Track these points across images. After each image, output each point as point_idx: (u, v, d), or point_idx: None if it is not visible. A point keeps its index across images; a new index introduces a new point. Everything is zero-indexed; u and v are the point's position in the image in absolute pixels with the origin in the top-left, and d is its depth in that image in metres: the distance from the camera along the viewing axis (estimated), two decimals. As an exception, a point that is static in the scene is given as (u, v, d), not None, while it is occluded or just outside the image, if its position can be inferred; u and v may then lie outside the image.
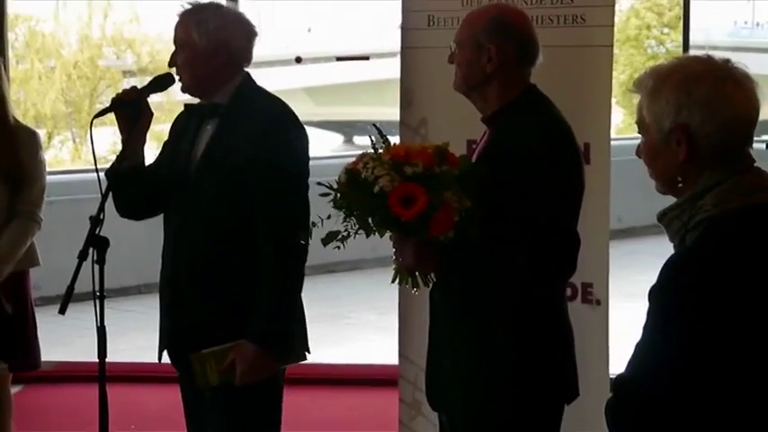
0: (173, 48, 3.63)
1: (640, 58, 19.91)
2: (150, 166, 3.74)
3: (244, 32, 3.60)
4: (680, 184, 2.35)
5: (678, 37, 11.37)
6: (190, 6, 3.60)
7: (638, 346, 2.26)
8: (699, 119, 2.28)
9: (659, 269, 2.30)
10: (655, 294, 2.25)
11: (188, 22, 3.56)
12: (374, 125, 3.24)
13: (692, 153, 2.30)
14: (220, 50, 3.54)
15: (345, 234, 3.07)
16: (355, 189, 3.02)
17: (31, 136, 4.58)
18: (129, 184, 3.66)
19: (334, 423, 6.02)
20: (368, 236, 3.07)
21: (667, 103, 2.31)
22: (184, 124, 3.69)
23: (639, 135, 2.43)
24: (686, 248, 2.28)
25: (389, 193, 2.95)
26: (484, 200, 3.01)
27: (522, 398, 3.15)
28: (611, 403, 2.31)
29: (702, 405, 2.21)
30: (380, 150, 3.07)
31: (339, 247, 3.10)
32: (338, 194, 3.06)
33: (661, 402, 2.22)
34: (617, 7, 4.14)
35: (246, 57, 3.63)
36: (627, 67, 19.70)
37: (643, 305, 2.57)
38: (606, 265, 4.42)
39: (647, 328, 2.25)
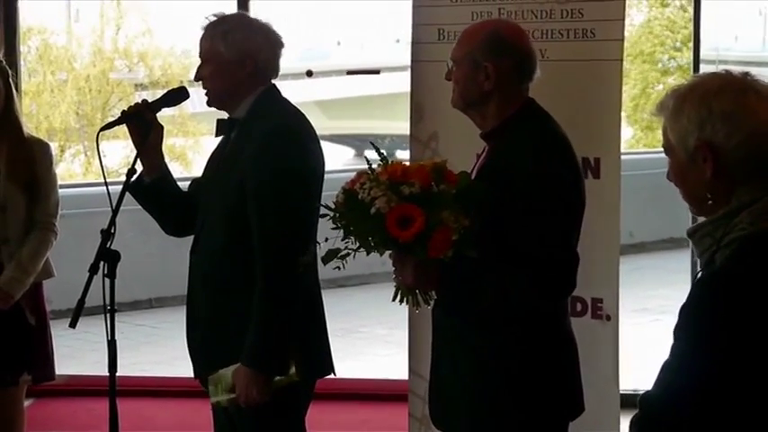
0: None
1: (654, 73, 19.90)
2: (193, 181, 3.76)
3: (270, 44, 3.56)
4: (709, 202, 2.32)
5: (690, 53, 11.36)
6: (215, 18, 3.56)
7: (666, 364, 2.24)
8: (722, 133, 2.25)
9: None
10: (685, 312, 2.22)
11: (214, 34, 3.52)
12: (371, 142, 3.22)
13: (719, 169, 2.27)
14: (247, 62, 3.50)
15: (345, 252, 3.05)
16: (352, 209, 2.99)
17: (45, 148, 4.61)
18: (155, 199, 3.68)
19: (343, 437, 6.02)
20: (368, 254, 3.05)
21: (689, 120, 2.29)
22: (220, 140, 3.68)
23: (667, 157, 2.39)
24: (719, 267, 2.24)
25: (386, 214, 2.92)
26: (483, 217, 2.99)
27: (526, 415, 3.13)
28: (636, 420, 2.29)
29: (729, 427, 2.19)
30: (377, 169, 3.03)
31: (339, 268, 3.07)
32: (336, 214, 3.03)
33: (687, 422, 2.20)
34: (630, 22, 4.14)
35: (273, 68, 3.58)
36: (638, 82, 19.69)
37: (652, 320, 2.57)
38: (616, 281, 4.41)
39: (676, 346, 2.22)
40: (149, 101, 3.66)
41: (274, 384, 3.44)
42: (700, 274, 2.30)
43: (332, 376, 3.69)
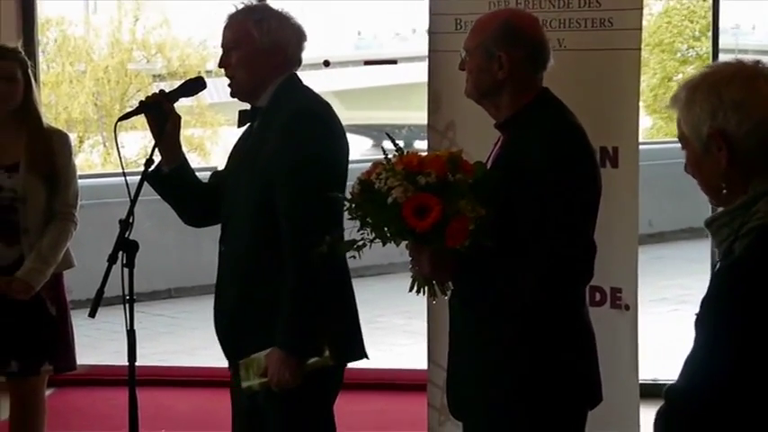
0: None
1: (673, 63, 19.85)
2: (213, 173, 3.78)
3: (297, 35, 3.60)
4: (724, 191, 2.33)
5: (709, 42, 11.34)
6: (244, 7, 3.58)
7: (690, 357, 2.24)
8: (734, 120, 2.26)
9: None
10: (706, 304, 2.22)
11: (245, 21, 3.54)
12: (387, 133, 3.22)
13: (734, 157, 2.28)
14: (278, 50, 3.53)
15: (361, 243, 3.05)
16: (369, 200, 2.99)
17: (64, 139, 4.64)
18: (174, 189, 3.69)
19: (363, 427, 6.02)
20: (384, 244, 3.05)
21: (701, 110, 2.30)
22: (243, 131, 3.70)
23: (683, 149, 2.40)
24: (738, 257, 2.25)
25: (403, 204, 2.92)
26: (498, 207, 2.99)
27: (544, 405, 3.13)
28: (662, 412, 2.29)
29: (755, 416, 2.19)
30: (393, 159, 3.03)
31: (355, 257, 3.08)
32: (352, 205, 3.04)
33: (713, 413, 2.20)
34: (648, 11, 4.13)
35: (298, 60, 3.62)
36: (658, 71, 19.65)
37: (671, 310, 2.57)
38: (635, 270, 4.40)
39: (699, 337, 2.23)
40: (167, 91, 3.67)
41: (307, 367, 3.46)
42: (718, 265, 2.31)
43: (362, 365, 3.70)
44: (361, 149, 20.18)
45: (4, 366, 4.59)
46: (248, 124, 3.64)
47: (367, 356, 3.70)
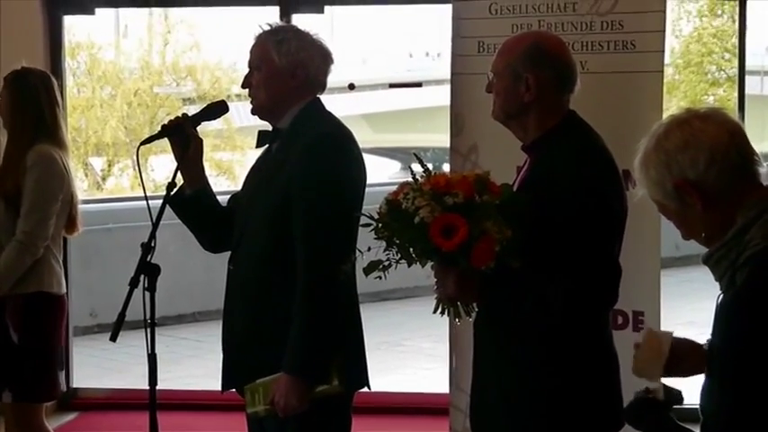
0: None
1: (703, 85, 19.76)
2: (232, 197, 3.76)
3: (321, 57, 3.59)
4: (703, 235, 2.38)
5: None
6: (269, 28, 3.59)
7: (725, 406, 2.27)
8: (688, 162, 2.32)
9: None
10: (721, 345, 2.26)
11: (267, 42, 3.55)
12: (415, 154, 3.23)
13: (706, 197, 2.32)
14: (298, 72, 3.52)
15: (387, 264, 3.05)
16: (396, 219, 2.99)
17: (43, 160, 4.47)
18: (195, 212, 3.69)
19: (385, 451, 6.02)
20: (409, 265, 3.05)
21: (657, 171, 2.38)
22: (261, 152, 3.69)
23: (668, 218, 2.49)
24: (740, 288, 2.26)
25: (430, 223, 2.93)
26: (525, 229, 2.99)
27: (567, 428, 3.12)
28: None
29: None
30: (420, 180, 3.04)
31: (380, 278, 3.08)
32: (379, 224, 3.04)
33: None
34: (679, 31, 4.13)
35: (321, 82, 3.60)
36: (688, 92, 19.56)
37: (698, 333, 2.56)
38: (657, 294, 4.38)
39: (728, 383, 2.26)
40: (189, 114, 3.68)
41: (316, 394, 3.41)
42: (721, 298, 2.32)
43: (368, 390, 3.66)
44: (389, 172, 20.17)
45: None
46: (266, 146, 3.63)
47: (369, 386, 3.64)
